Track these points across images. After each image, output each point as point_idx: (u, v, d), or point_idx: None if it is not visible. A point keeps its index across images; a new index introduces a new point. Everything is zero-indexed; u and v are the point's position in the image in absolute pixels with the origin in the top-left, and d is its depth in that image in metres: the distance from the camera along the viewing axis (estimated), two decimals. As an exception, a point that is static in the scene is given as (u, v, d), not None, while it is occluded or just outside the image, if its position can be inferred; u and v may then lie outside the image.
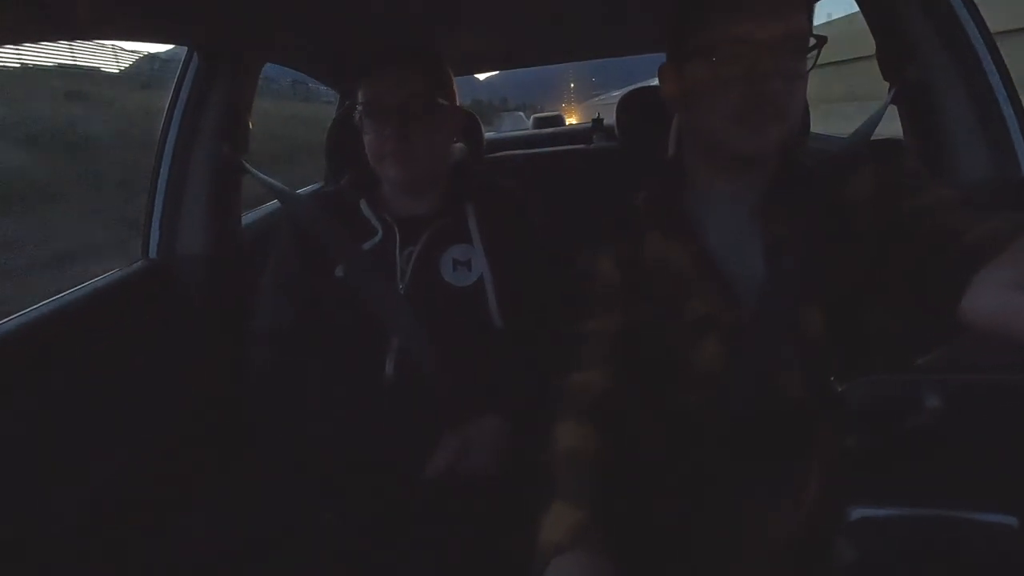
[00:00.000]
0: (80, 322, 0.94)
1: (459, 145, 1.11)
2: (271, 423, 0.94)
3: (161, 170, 1.17)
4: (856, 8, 1.09)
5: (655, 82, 0.77)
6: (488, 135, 2.54)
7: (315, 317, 0.91)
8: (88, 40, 0.90)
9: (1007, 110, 0.96)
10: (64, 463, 0.85)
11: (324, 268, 0.91)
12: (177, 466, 1.02)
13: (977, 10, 0.97)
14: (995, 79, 0.96)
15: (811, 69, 0.64)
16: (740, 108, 0.62)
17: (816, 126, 1.29)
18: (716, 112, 0.64)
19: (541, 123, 5.17)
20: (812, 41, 0.64)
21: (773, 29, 0.60)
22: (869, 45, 1.09)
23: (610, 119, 2.29)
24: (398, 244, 0.91)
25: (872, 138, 0.88)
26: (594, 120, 2.72)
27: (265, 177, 1.15)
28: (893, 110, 1.06)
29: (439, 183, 0.96)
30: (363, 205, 0.94)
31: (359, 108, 0.90)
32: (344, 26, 1.23)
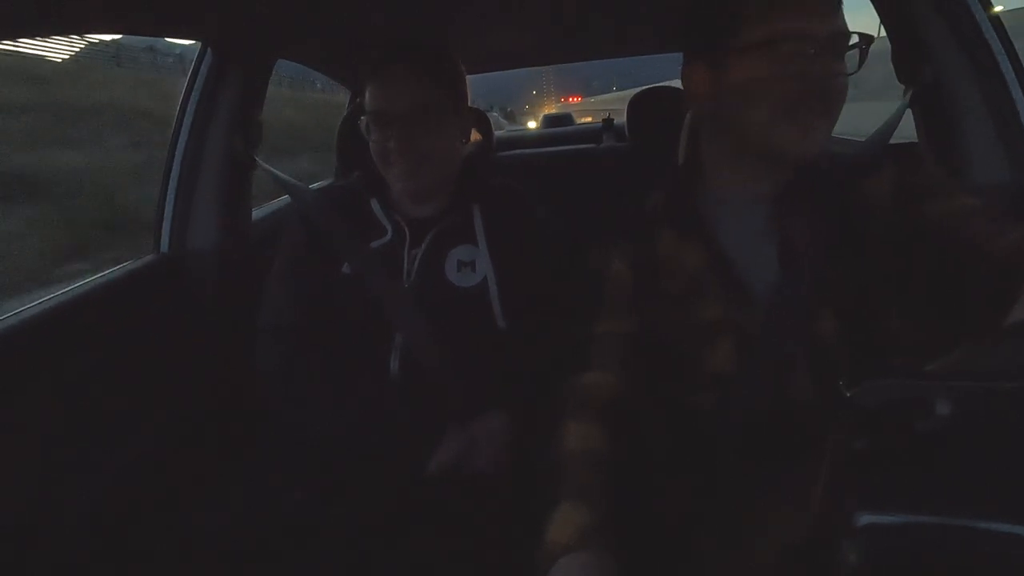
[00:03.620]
0: (91, 314, 0.95)
1: (476, 140, 1.10)
2: (278, 418, 0.95)
3: (173, 165, 1.19)
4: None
5: (604, 95, 0.76)
6: (497, 134, 2.54)
7: (322, 313, 0.91)
8: (102, 34, 0.90)
9: None
10: (73, 454, 0.86)
11: (332, 264, 0.91)
12: (184, 458, 1.03)
13: (995, 13, 0.95)
14: (1012, 81, 0.95)
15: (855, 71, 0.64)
16: (794, 104, 0.62)
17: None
18: (765, 109, 0.64)
19: (551, 122, 5.17)
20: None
21: (827, 26, 0.60)
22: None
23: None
24: (407, 244, 0.91)
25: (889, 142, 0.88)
26: (604, 120, 2.72)
27: (276, 172, 1.16)
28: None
29: (448, 185, 0.96)
30: (375, 204, 0.94)
31: (366, 112, 0.88)
32: (356, 23, 1.24)
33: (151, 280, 1.12)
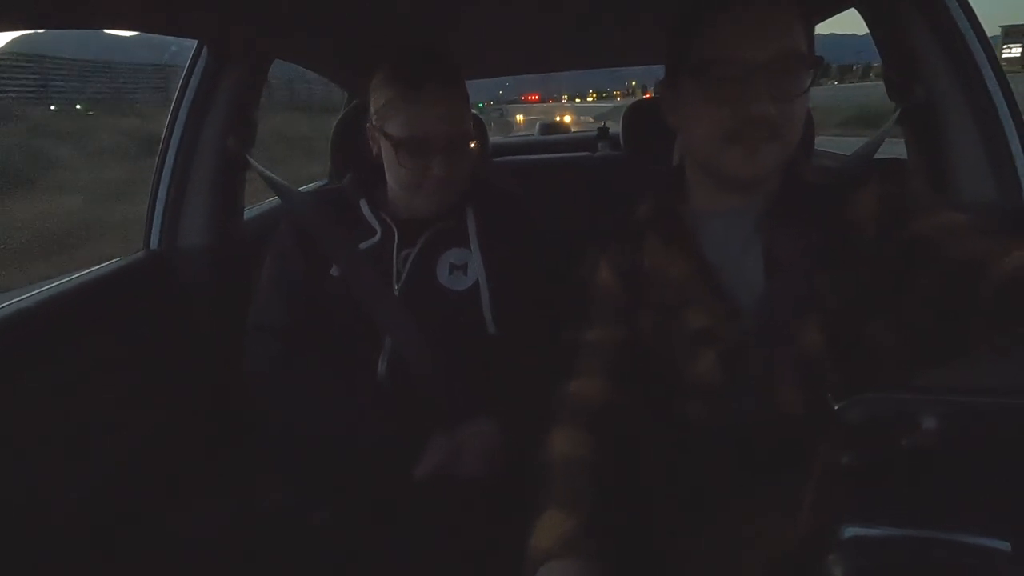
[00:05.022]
0: (78, 311, 0.94)
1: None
2: (265, 418, 0.94)
3: (166, 162, 1.18)
4: None
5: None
6: (493, 140, 2.55)
7: (311, 315, 0.91)
8: (95, 28, 0.89)
9: (1011, 133, 0.96)
10: (60, 453, 0.84)
11: (321, 266, 0.91)
12: (171, 457, 1.02)
13: (984, 34, 0.97)
14: (1000, 102, 0.97)
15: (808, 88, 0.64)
16: (731, 131, 0.62)
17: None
18: (708, 134, 0.65)
19: (547, 130, 5.21)
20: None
21: (764, 50, 0.60)
22: None
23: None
24: (396, 245, 0.91)
25: (876, 157, 0.89)
26: (599, 129, 2.75)
27: (267, 173, 1.15)
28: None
29: None
30: (363, 205, 0.94)
31: (391, 137, 0.84)
32: (354, 24, 1.24)
33: (140, 277, 1.11)
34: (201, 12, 0.99)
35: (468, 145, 0.89)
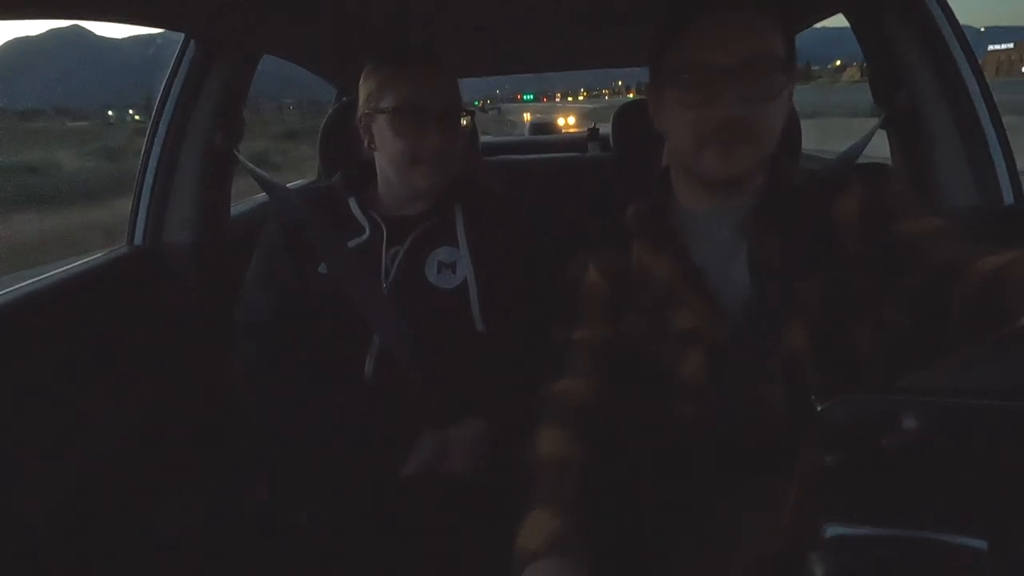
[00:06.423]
0: (59, 306, 0.92)
1: None
2: (252, 417, 0.93)
3: (151, 156, 1.16)
4: None
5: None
6: (484, 139, 2.55)
7: (298, 312, 0.90)
8: (83, 21, 0.88)
9: (992, 139, 0.98)
10: (41, 450, 0.83)
11: (309, 263, 0.90)
12: (156, 455, 1.00)
13: (966, 39, 0.99)
14: (982, 109, 0.99)
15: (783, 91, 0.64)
16: (704, 134, 0.63)
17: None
18: (684, 136, 0.65)
19: (537, 129, 5.22)
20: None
21: (736, 54, 0.61)
22: None
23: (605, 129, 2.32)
24: (384, 243, 0.91)
25: (859, 160, 0.90)
26: (590, 130, 2.76)
27: (255, 169, 1.14)
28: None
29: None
30: (352, 203, 0.93)
31: (386, 109, 0.86)
32: (346, 20, 1.23)
33: (123, 273, 1.09)
34: (189, 4, 0.97)
35: (460, 118, 0.91)
